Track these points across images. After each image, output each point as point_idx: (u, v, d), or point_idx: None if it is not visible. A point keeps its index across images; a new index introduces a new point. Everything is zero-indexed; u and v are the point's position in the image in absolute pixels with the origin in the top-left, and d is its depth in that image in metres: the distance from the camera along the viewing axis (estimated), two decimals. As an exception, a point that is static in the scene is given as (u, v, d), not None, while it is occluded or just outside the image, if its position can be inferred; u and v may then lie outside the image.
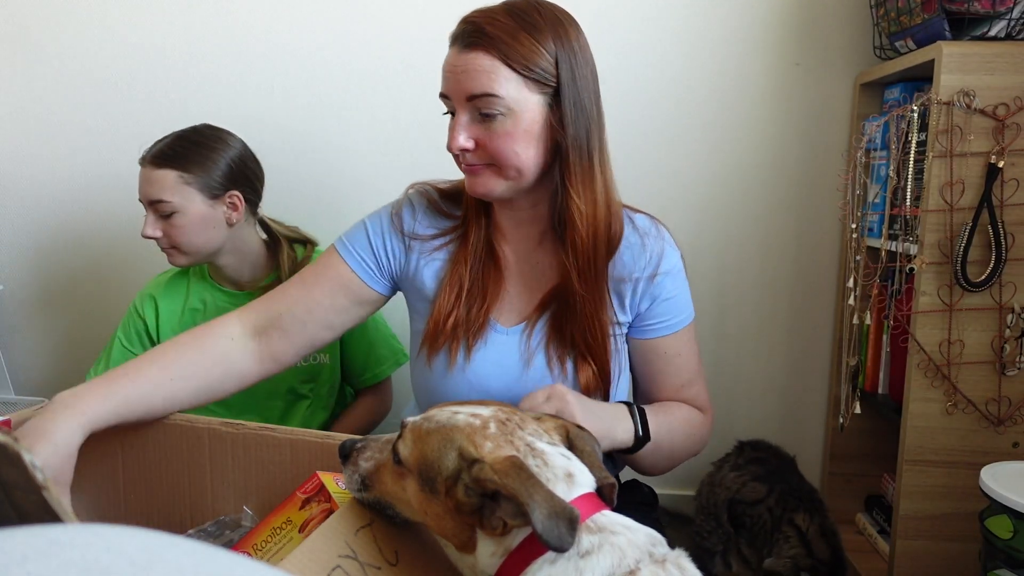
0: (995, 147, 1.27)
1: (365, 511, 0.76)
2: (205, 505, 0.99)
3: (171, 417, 1.01)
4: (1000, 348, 1.31)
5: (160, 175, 1.35)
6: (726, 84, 1.69)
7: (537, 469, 0.65)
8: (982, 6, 1.27)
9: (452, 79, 0.96)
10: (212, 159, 1.39)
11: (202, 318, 1.45)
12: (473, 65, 0.93)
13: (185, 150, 1.37)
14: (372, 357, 1.51)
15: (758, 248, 1.74)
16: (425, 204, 1.12)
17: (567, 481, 0.66)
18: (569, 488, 0.66)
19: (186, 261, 1.40)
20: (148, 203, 1.37)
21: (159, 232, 1.37)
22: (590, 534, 0.63)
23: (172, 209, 1.35)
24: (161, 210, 1.35)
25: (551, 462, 0.67)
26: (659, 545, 0.65)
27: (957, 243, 1.29)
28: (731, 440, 1.58)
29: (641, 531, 0.66)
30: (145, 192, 1.37)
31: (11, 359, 1.80)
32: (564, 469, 0.67)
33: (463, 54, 0.94)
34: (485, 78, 0.93)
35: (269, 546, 0.85)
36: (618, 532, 0.64)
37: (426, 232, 1.10)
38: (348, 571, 0.68)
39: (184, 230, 1.36)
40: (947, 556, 1.36)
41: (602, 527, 0.64)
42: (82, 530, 0.28)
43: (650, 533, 0.66)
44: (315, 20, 1.71)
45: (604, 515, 0.66)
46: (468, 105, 0.95)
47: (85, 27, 1.74)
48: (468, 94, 0.94)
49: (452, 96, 0.97)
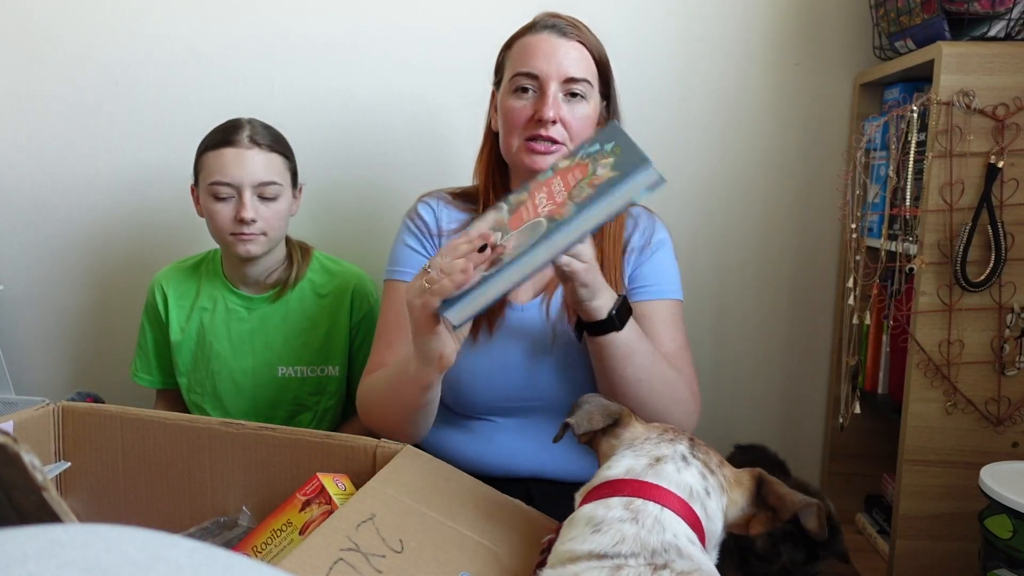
0: (995, 147, 1.27)
1: (365, 507, 0.76)
2: (205, 505, 0.99)
3: (171, 417, 1.01)
4: (1000, 348, 1.31)
5: (271, 158, 1.35)
6: (726, 84, 1.69)
7: (643, 439, 0.76)
8: (981, 6, 1.27)
9: (551, 59, 1.08)
10: (291, 150, 1.43)
11: (209, 317, 1.44)
12: (576, 52, 1.09)
13: (278, 137, 1.40)
14: None
15: (758, 248, 1.74)
16: (443, 203, 1.20)
17: (651, 461, 0.73)
18: (647, 468, 0.72)
19: (263, 251, 1.37)
20: (253, 185, 1.33)
21: (258, 215, 1.33)
22: (623, 510, 0.67)
23: (277, 193, 1.35)
24: (266, 193, 1.34)
25: (652, 448, 0.75)
26: (675, 555, 0.64)
27: (957, 243, 1.29)
28: (731, 440, 1.58)
29: (666, 536, 0.66)
30: (252, 173, 1.33)
31: (11, 359, 1.80)
32: (658, 455, 0.73)
33: (564, 40, 1.09)
34: (585, 64, 1.10)
35: (269, 548, 0.85)
36: (641, 522, 0.66)
37: (450, 227, 1.18)
38: (351, 563, 0.68)
39: (280, 214, 1.37)
40: (946, 556, 1.36)
41: (636, 512, 0.67)
42: (82, 530, 0.29)
43: (675, 544, 0.65)
44: (315, 18, 1.71)
45: (661, 509, 0.68)
46: (562, 86, 1.08)
47: (86, 27, 1.74)
48: (567, 76, 1.08)
49: (547, 75, 1.08)
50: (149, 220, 1.77)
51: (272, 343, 1.43)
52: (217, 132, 1.36)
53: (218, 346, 1.43)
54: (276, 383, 1.44)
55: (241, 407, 1.44)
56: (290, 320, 1.43)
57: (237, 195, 1.33)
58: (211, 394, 1.45)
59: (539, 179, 0.93)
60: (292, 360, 1.44)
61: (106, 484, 1.03)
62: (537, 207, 0.88)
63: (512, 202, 0.93)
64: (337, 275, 1.47)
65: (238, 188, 1.33)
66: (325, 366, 1.44)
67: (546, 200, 0.88)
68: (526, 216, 0.88)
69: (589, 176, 0.85)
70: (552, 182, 0.90)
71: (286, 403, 1.45)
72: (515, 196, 0.94)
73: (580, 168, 0.88)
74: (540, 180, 0.93)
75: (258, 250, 1.36)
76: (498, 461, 1.11)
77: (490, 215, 0.93)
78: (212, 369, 1.44)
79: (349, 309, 1.45)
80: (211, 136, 1.37)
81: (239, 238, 1.34)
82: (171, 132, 1.74)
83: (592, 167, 0.87)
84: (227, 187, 1.33)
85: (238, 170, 1.32)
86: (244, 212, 1.31)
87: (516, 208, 0.91)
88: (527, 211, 0.88)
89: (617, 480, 0.72)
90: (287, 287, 1.43)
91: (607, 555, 0.64)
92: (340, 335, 1.45)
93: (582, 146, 0.93)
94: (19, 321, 1.86)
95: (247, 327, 1.44)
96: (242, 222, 1.32)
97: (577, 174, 0.88)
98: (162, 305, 1.46)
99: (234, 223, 1.33)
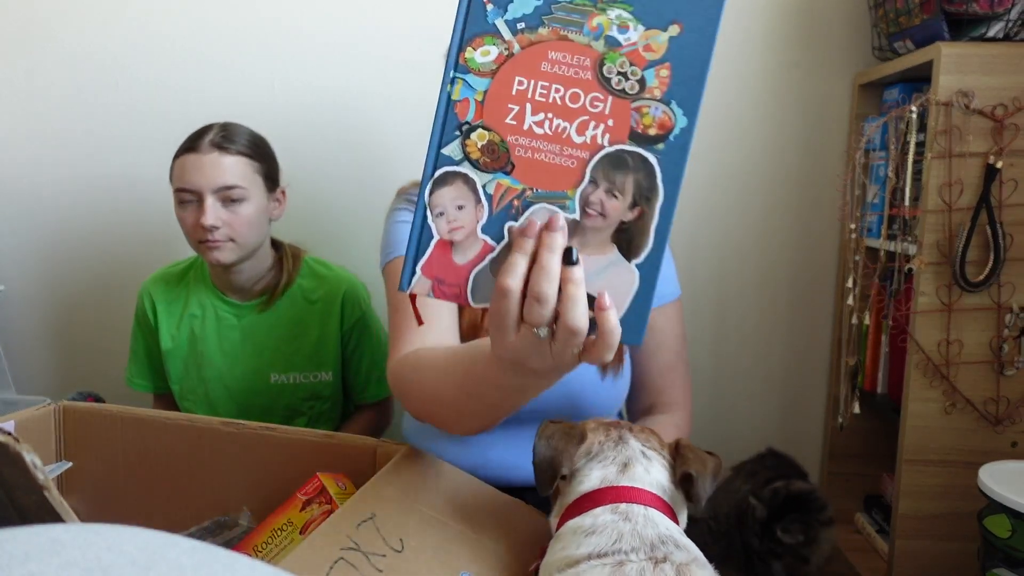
0: (993, 148, 1.27)
1: (366, 507, 0.76)
2: (206, 504, 0.99)
3: (171, 417, 1.01)
4: (999, 348, 1.32)
5: (233, 161, 1.31)
6: (725, 85, 1.69)
7: (599, 446, 0.76)
8: (981, 7, 1.27)
9: None
10: (269, 151, 1.39)
11: (200, 324, 1.43)
12: None
13: (247, 139, 1.35)
14: (374, 374, 1.48)
15: (757, 248, 1.74)
16: None
17: (620, 468, 0.74)
18: (619, 475, 0.73)
19: (233, 258, 1.33)
20: (214, 190, 1.29)
21: (220, 221, 1.30)
22: (611, 514, 0.68)
23: (243, 196, 1.31)
24: (230, 197, 1.30)
25: (613, 453, 0.76)
26: (672, 547, 0.66)
27: (956, 243, 1.29)
28: (731, 439, 1.59)
29: (659, 530, 0.68)
30: (212, 178, 1.29)
31: (12, 358, 1.81)
32: (624, 460, 0.74)
33: None
34: None
35: (270, 548, 0.85)
36: (633, 521, 0.68)
37: None
38: (352, 562, 0.68)
39: (248, 220, 1.32)
40: (946, 555, 1.36)
41: (625, 513, 0.69)
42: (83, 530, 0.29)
43: (671, 536, 0.68)
44: (316, 18, 1.72)
45: (645, 509, 0.69)
46: None
47: (86, 27, 1.74)
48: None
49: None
50: (150, 219, 1.77)
51: (263, 350, 1.42)
52: (185, 139, 1.35)
53: (209, 354, 1.43)
54: (269, 390, 1.43)
55: (234, 414, 1.43)
56: (280, 327, 1.42)
57: (199, 200, 1.30)
58: (204, 401, 1.44)
59: (470, 91, 0.57)
60: (284, 367, 1.43)
61: (107, 484, 1.03)
62: (565, 134, 0.57)
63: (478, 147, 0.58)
64: (327, 280, 1.45)
65: (198, 193, 1.29)
66: (318, 372, 1.43)
67: (559, 120, 0.57)
68: (539, 154, 0.57)
69: (611, 55, 0.56)
70: (527, 87, 0.57)
71: (280, 409, 1.44)
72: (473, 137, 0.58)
73: (569, 47, 0.56)
74: (475, 90, 0.57)
75: (227, 257, 1.32)
76: (493, 472, 1.11)
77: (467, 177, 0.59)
78: (204, 376, 1.43)
79: (340, 315, 1.43)
80: (181, 143, 1.35)
81: (206, 246, 1.31)
82: (171, 132, 1.72)
83: (601, 40, 0.56)
84: (188, 193, 1.30)
85: (198, 175, 1.29)
86: (204, 218, 1.28)
87: (494, 152, 0.58)
88: (526, 145, 0.57)
89: (594, 491, 0.73)
90: (276, 294, 1.41)
91: (607, 553, 0.65)
92: (331, 341, 1.44)
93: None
94: (20, 321, 1.87)
95: (238, 335, 1.43)
96: (204, 228, 1.29)
97: (580, 59, 0.56)
98: (151, 313, 1.45)
99: (198, 230, 1.30)
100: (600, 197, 0.57)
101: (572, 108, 0.57)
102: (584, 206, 0.57)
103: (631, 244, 0.58)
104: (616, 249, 0.58)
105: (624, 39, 0.56)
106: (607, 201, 0.57)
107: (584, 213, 0.58)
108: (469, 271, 0.59)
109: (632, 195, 0.57)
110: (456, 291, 0.60)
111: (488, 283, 0.59)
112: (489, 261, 0.59)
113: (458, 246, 0.59)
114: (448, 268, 0.59)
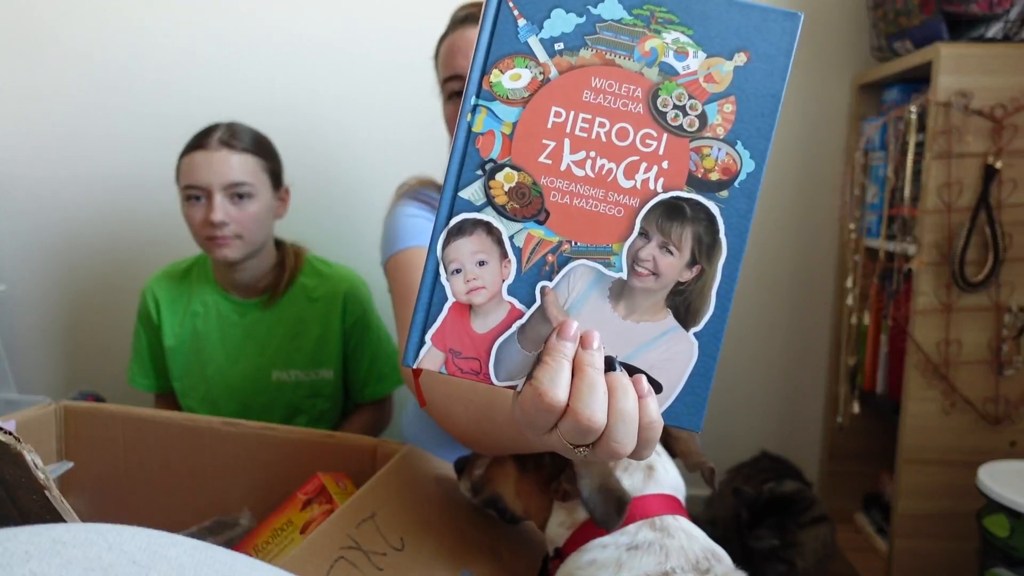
0: (992, 148, 1.28)
1: (366, 505, 0.76)
2: (206, 504, 0.99)
3: (172, 417, 1.01)
4: (997, 348, 1.32)
5: (241, 158, 1.32)
6: (725, 85, 1.69)
7: None
8: (979, 8, 1.27)
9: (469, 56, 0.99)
10: (274, 150, 1.41)
11: (203, 322, 1.44)
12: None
13: (254, 138, 1.37)
14: (374, 373, 1.48)
15: (757, 248, 1.74)
16: (434, 188, 1.16)
17: (646, 472, 0.68)
18: (646, 481, 0.68)
19: (240, 254, 1.34)
20: (223, 187, 1.30)
21: (229, 218, 1.30)
22: (650, 530, 0.64)
23: (250, 193, 1.32)
24: (238, 193, 1.32)
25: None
26: (714, 560, 0.64)
27: (955, 243, 1.29)
28: (730, 439, 1.59)
29: (700, 542, 0.65)
30: (221, 175, 1.30)
31: (13, 358, 1.81)
32: (648, 462, 0.69)
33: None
34: None
35: (270, 547, 0.85)
36: (675, 536, 0.64)
37: None
38: (352, 561, 0.68)
39: (255, 216, 1.33)
40: (945, 555, 1.36)
41: (665, 528, 0.64)
42: (84, 529, 0.29)
43: (709, 547, 0.65)
44: (316, 18, 1.72)
45: (676, 519, 0.66)
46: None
47: (86, 27, 1.74)
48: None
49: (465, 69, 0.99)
50: (150, 219, 1.78)
51: (265, 348, 1.43)
52: (192, 137, 1.36)
53: (212, 351, 1.43)
54: (271, 387, 1.44)
55: (235, 411, 1.43)
56: (282, 325, 1.43)
57: (207, 197, 1.31)
58: (205, 398, 1.45)
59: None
60: (286, 364, 1.43)
61: (108, 483, 1.03)
62: (605, 177, 0.48)
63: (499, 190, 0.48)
64: (329, 279, 1.46)
65: (207, 190, 1.30)
66: (319, 370, 1.44)
67: (603, 160, 0.48)
68: (568, 198, 0.48)
69: (667, 86, 0.48)
70: (565, 120, 0.48)
71: (281, 407, 1.45)
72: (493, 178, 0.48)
73: (617, 74, 0.48)
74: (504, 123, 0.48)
75: (234, 254, 1.33)
76: None
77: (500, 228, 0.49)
78: (206, 374, 1.44)
79: (341, 313, 1.44)
80: (188, 142, 1.36)
81: (214, 243, 1.32)
82: (172, 132, 1.73)
83: (655, 67, 0.48)
84: (197, 189, 1.32)
85: (207, 172, 1.30)
86: (213, 214, 1.29)
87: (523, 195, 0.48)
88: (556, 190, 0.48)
89: None
90: (279, 292, 1.42)
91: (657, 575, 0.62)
92: (333, 339, 1.44)
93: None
94: (21, 321, 1.87)
95: (240, 332, 1.43)
96: (212, 224, 1.30)
97: (630, 88, 0.48)
98: (155, 311, 1.46)
99: (206, 226, 1.32)
100: (652, 253, 0.48)
101: (619, 146, 0.48)
102: (633, 263, 0.48)
103: (688, 309, 0.49)
104: (671, 314, 0.49)
105: (682, 67, 0.48)
106: (660, 258, 0.48)
107: (633, 271, 0.48)
108: (492, 341, 0.49)
109: (690, 251, 0.48)
110: (475, 366, 0.49)
111: (516, 357, 0.49)
112: (516, 329, 0.48)
113: (478, 310, 0.48)
114: (465, 337, 0.49)
